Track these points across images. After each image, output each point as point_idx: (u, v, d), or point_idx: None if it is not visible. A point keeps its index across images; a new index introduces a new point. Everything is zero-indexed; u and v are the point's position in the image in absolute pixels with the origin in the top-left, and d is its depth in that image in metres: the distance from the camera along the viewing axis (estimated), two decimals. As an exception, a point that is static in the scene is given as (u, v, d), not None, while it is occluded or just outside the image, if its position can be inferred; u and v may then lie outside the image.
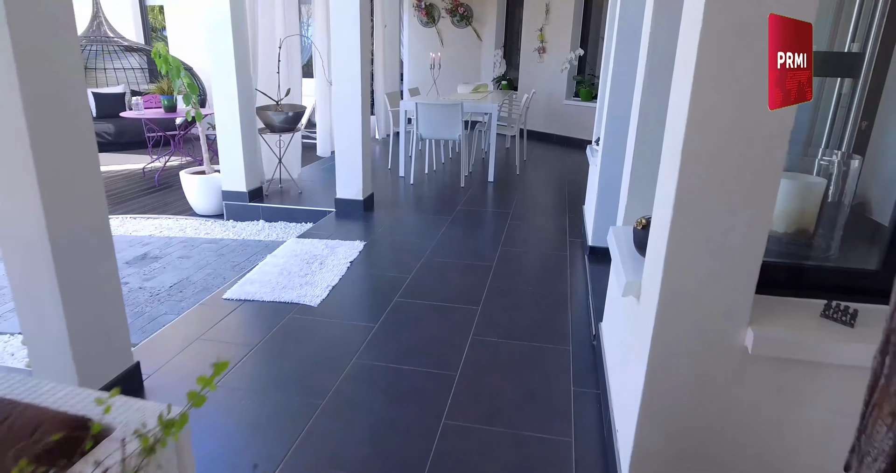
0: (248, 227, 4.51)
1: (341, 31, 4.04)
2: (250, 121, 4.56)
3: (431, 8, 9.04)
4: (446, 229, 4.04)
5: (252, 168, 4.64)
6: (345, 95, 4.18)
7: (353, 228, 4.10)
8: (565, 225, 4.17)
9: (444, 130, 5.18)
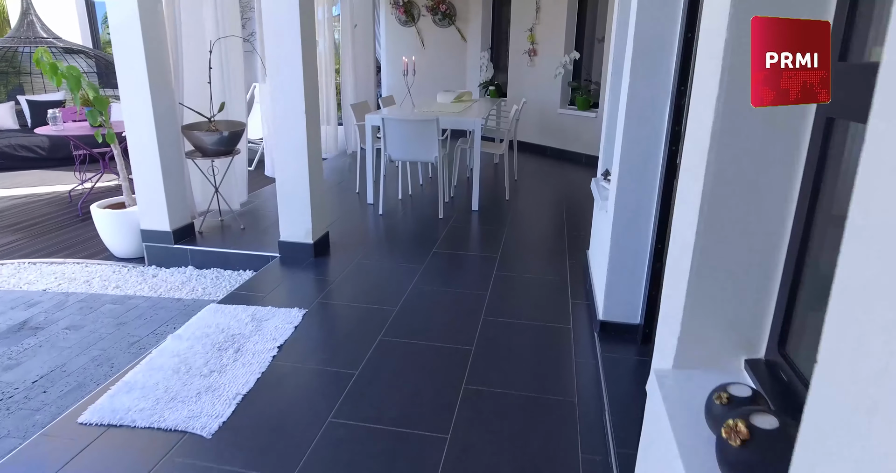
0: (171, 276, 3.62)
1: (273, 19, 3.16)
2: (173, 144, 3.67)
3: (410, 5, 8.17)
4: (416, 283, 3.18)
5: (177, 202, 3.75)
6: (283, 106, 3.30)
7: (296, 283, 3.22)
8: (566, 277, 3.31)
9: (418, 151, 4.31)
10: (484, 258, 3.59)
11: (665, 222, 2.27)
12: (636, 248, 2.41)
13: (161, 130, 3.52)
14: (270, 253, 3.62)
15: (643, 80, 2.21)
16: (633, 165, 2.32)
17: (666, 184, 2.22)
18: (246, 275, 3.61)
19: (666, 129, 2.21)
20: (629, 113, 2.26)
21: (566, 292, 3.10)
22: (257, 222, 4.28)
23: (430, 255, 3.63)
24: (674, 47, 2.13)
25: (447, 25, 8.19)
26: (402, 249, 3.77)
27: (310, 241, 3.53)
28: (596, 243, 3.11)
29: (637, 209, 2.36)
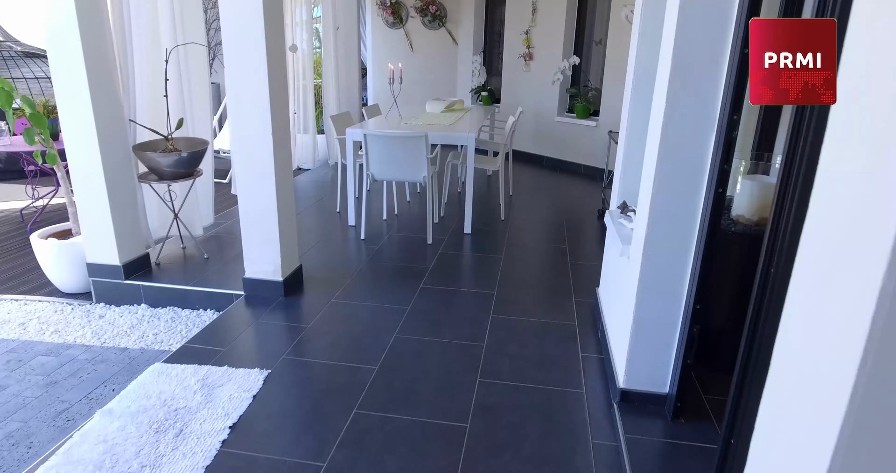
0: (120, 318, 3.15)
1: (232, 24, 2.70)
2: (122, 166, 3.20)
3: (398, 6, 7.72)
4: (401, 331, 2.73)
5: (128, 232, 3.28)
6: (244, 125, 2.84)
7: (261, 331, 2.76)
8: (573, 319, 2.88)
9: (404, 170, 3.87)
10: (479, 296, 3.15)
11: (706, 277, 1.85)
12: (668, 307, 1.98)
13: (107, 150, 3.05)
14: (234, 291, 3.16)
15: (682, 107, 1.78)
16: (668, 211, 1.89)
17: (710, 233, 1.79)
18: (206, 315, 3.15)
19: (710, 167, 1.78)
20: (664, 147, 1.83)
21: (575, 342, 2.67)
22: (224, 249, 3.81)
23: (417, 291, 3.19)
24: (723, 67, 1.70)
25: (437, 27, 7.74)
26: (385, 283, 3.32)
27: (279, 278, 3.07)
28: (610, 284, 2.68)
29: (671, 262, 1.93)
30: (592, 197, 5.37)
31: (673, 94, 1.78)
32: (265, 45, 2.69)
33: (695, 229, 1.89)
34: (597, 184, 5.93)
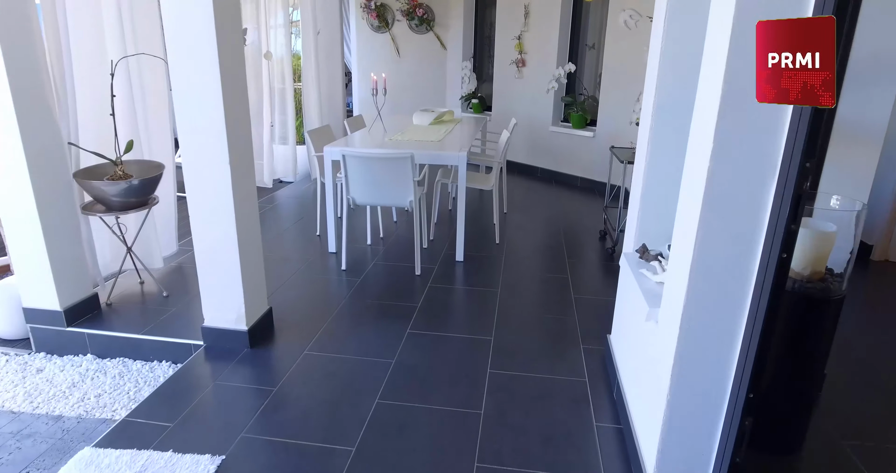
0: (61, 372, 2.72)
1: (179, 36, 2.29)
2: (61, 196, 2.77)
3: (383, 9, 7.32)
4: (383, 394, 2.34)
5: (71, 272, 2.85)
6: (195, 145, 2.42)
7: (218, 398, 2.34)
8: (583, 376, 2.50)
9: (388, 194, 3.47)
10: (474, 344, 2.76)
11: (763, 359, 1.47)
12: (711, 392, 1.60)
13: (40, 180, 2.63)
14: (194, 341, 2.75)
15: (735, 150, 1.40)
16: (714, 275, 1.51)
17: (770, 310, 1.42)
18: (160, 369, 2.73)
19: (770, 223, 1.40)
20: (710, 197, 1.45)
21: (587, 408, 2.29)
22: (189, 283, 3.39)
23: (403, 338, 2.79)
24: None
25: (425, 31, 7.35)
26: (368, 328, 2.92)
27: (243, 328, 2.66)
28: (628, 338, 2.30)
29: (717, 338, 1.56)
30: (592, 215, 5.00)
31: (723, 133, 1.40)
32: (218, 63, 2.28)
33: (746, 298, 1.52)
34: (595, 198, 5.57)
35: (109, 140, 2.99)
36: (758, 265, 1.48)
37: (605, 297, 3.33)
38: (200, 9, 2.21)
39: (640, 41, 5.13)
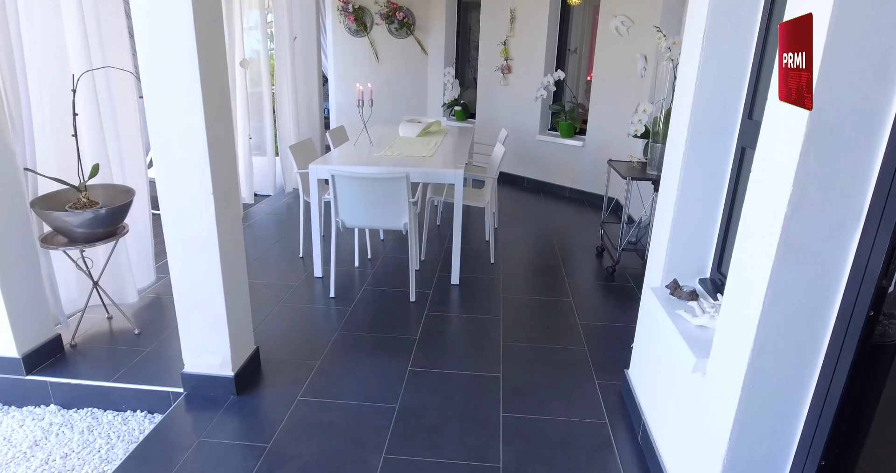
0: (20, 428, 2.41)
1: (151, 46, 2.02)
2: (16, 229, 2.46)
3: (361, 12, 7.06)
4: (389, 448, 2.11)
5: (29, 314, 2.54)
6: (173, 174, 2.15)
7: (203, 462, 2.07)
8: (604, 421, 2.32)
9: (381, 216, 3.24)
10: (482, 382, 2.56)
11: (839, 424, 1.30)
12: (778, 457, 1.43)
13: (-8, 211, 2.32)
14: (172, 388, 2.47)
15: (819, 193, 1.22)
16: (785, 328, 1.33)
17: (854, 369, 1.25)
18: (134, 420, 2.45)
19: (850, 275, 1.23)
20: (787, 246, 1.27)
21: (612, 455, 2.10)
22: (165, 317, 3.10)
23: (405, 378, 2.57)
24: (883, 133, 1.15)
25: (405, 36, 7.11)
26: (365, 367, 2.68)
27: (229, 373, 2.40)
28: (654, 376, 2.12)
29: (785, 399, 1.39)
30: (585, 229, 4.85)
31: (806, 175, 1.22)
32: (200, 79, 2.02)
33: (818, 357, 1.35)
34: (586, 210, 5.43)
35: (72, 164, 2.69)
36: (833, 322, 1.32)
37: (612, 322, 3.17)
38: (178, 11, 1.95)
39: (631, 48, 5.00)
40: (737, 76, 1.93)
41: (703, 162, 2.01)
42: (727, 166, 2.01)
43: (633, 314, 3.25)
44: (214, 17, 2.10)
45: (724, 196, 2.04)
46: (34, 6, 2.54)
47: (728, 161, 2.01)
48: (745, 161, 1.94)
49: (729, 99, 1.95)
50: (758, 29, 1.87)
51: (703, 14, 1.89)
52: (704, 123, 1.96)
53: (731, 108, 1.97)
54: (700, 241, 2.09)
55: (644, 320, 2.32)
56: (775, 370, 1.39)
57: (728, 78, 1.93)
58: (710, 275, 2.10)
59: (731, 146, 2.00)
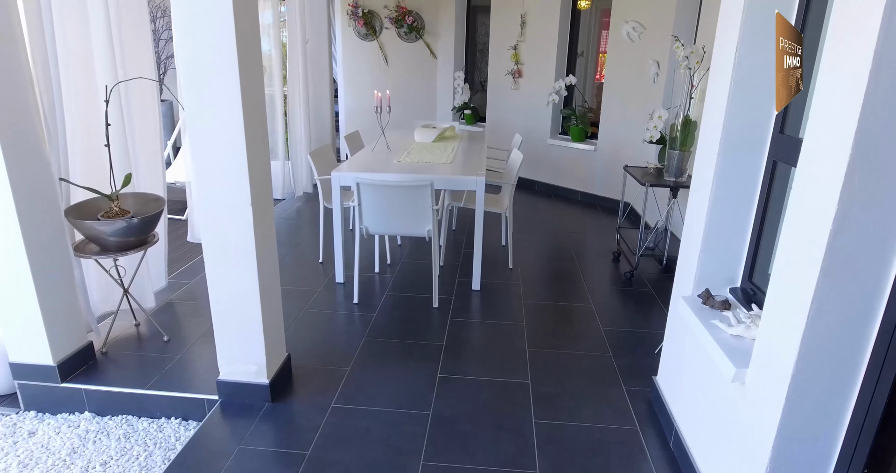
0: (56, 436, 2.44)
1: (193, 31, 2.06)
2: (52, 238, 2.50)
3: (371, 16, 7.09)
4: (427, 455, 2.15)
5: (64, 322, 2.58)
6: (212, 186, 2.19)
7: (245, 466, 2.11)
8: (635, 427, 2.36)
9: (405, 223, 3.27)
10: (511, 388, 2.60)
11: (884, 431, 1.34)
12: (819, 465, 1.47)
13: (28, 220, 2.35)
14: (207, 395, 2.50)
15: (865, 211, 1.27)
16: (828, 339, 1.38)
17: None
18: (170, 428, 2.48)
19: (891, 289, 1.28)
20: (832, 260, 1.31)
21: (646, 461, 2.14)
22: (188, 323, 3.13)
23: (436, 385, 2.60)
24: None
25: (414, 40, 7.15)
26: (394, 373, 2.72)
27: (264, 380, 2.43)
28: (686, 384, 2.16)
29: (827, 409, 1.43)
30: (599, 233, 4.90)
31: (850, 192, 1.26)
32: (241, 95, 2.06)
33: (861, 364, 1.39)
34: (598, 214, 5.47)
35: (101, 173, 2.73)
36: (876, 333, 1.36)
37: (634, 328, 3.21)
38: (220, 33, 1.98)
39: (642, 54, 5.04)
40: (769, 90, 1.97)
41: (735, 175, 2.05)
42: (758, 179, 2.06)
43: (655, 320, 3.30)
44: (253, 30, 2.14)
45: (755, 208, 2.08)
46: (66, 22, 2.57)
47: (759, 174, 2.05)
48: (776, 174, 1.98)
49: (761, 113, 2.00)
50: (790, 44, 1.91)
51: (735, 29, 1.93)
52: (737, 137, 2.00)
53: (763, 122, 2.01)
54: (731, 251, 2.13)
55: (674, 328, 2.36)
56: (819, 380, 1.43)
57: (760, 92, 1.97)
58: (740, 284, 2.15)
59: (762, 159, 2.04)
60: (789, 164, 1.90)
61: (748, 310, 1.97)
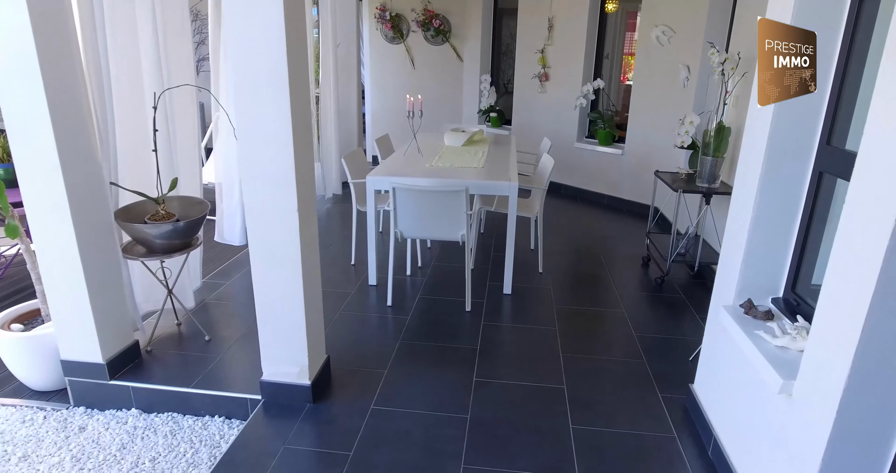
0: (105, 431, 2.53)
1: (245, 40, 2.11)
2: (103, 241, 2.58)
3: (398, 19, 7.15)
4: (467, 458, 2.18)
5: (113, 322, 2.67)
6: (259, 194, 2.25)
7: (292, 466, 2.16)
8: (672, 435, 2.37)
9: (440, 228, 3.32)
10: (547, 394, 2.62)
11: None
12: None
13: (82, 223, 2.43)
14: (249, 395, 2.57)
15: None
16: (884, 357, 1.38)
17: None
18: (214, 426, 2.55)
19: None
20: (886, 277, 1.32)
21: (684, 467, 2.16)
22: (227, 324, 3.21)
23: (472, 389, 2.64)
24: None
25: (441, 43, 7.19)
26: (431, 376, 2.76)
27: (306, 382, 2.49)
28: (726, 392, 2.16)
29: (880, 421, 1.43)
30: (628, 238, 4.89)
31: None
32: (289, 103, 2.11)
33: (919, 383, 1.40)
34: (625, 218, 5.46)
35: (148, 177, 2.81)
36: (935, 350, 1.36)
37: (667, 335, 3.21)
38: (272, 44, 2.04)
39: (672, 58, 5.02)
40: (815, 102, 1.97)
41: (780, 185, 2.05)
42: (803, 190, 2.05)
43: (688, 326, 3.30)
44: (302, 45, 2.19)
45: (799, 218, 2.08)
46: (117, 32, 2.64)
47: (804, 185, 2.05)
48: (822, 186, 1.98)
49: (807, 124, 2.00)
50: (837, 56, 1.91)
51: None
52: (782, 147, 2.01)
53: (808, 132, 2.01)
54: (773, 261, 2.13)
55: (714, 337, 2.37)
56: (872, 394, 1.43)
57: (806, 103, 1.97)
58: (783, 295, 2.15)
59: (808, 170, 2.04)
60: (836, 175, 1.90)
61: (792, 321, 1.97)
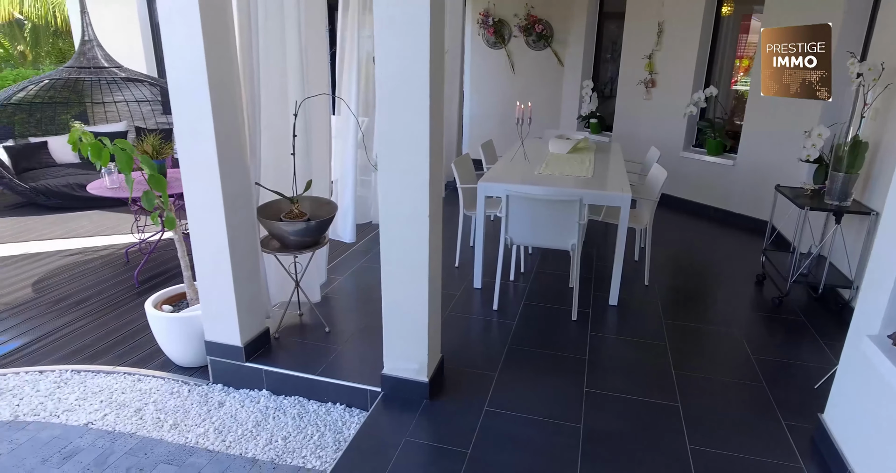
0: (241, 408, 2.78)
1: (394, 57, 2.25)
2: (247, 236, 2.84)
3: (501, 25, 7.22)
4: (583, 468, 2.21)
5: (251, 309, 2.93)
6: (396, 200, 2.38)
7: (411, 460, 2.29)
8: (799, 465, 2.27)
9: (550, 236, 3.35)
10: (661, 411, 2.59)
11: None
12: None
13: (233, 220, 2.69)
14: (369, 386, 2.73)
15: None
16: None
17: None
18: (336, 412, 2.74)
19: None
20: None
21: (817, 503, 2.07)
22: (345, 318, 3.42)
23: (584, 399, 2.66)
24: None
25: (542, 48, 7.19)
26: (542, 382, 2.80)
27: (424, 378, 2.62)
28: (869, 429, 2.05)
29: None
30: (737, 254, 4.68)
31: None
32: (429, 121, 2.24)
33: None
34: (733, 233, 5.22)
35: (286, 179, 3.04)
36: None
37: (788, 359, 3.06)
38: (417, 60, 2.17)
39: (797, 66, 4.74)
40: None
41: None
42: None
43: (809, 351, 3.13)
44: (439, 54, 2.31)
45: (965, 247, 1.93)
46: (269, 45, 2.88)
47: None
48: None
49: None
50: None
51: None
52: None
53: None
54: (931, 291, 1.99)
55: (853, 366, 2.25)
56: None
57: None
58: (939, 327, 2.01)
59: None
60: None
61: (953, 357, 1.84)
